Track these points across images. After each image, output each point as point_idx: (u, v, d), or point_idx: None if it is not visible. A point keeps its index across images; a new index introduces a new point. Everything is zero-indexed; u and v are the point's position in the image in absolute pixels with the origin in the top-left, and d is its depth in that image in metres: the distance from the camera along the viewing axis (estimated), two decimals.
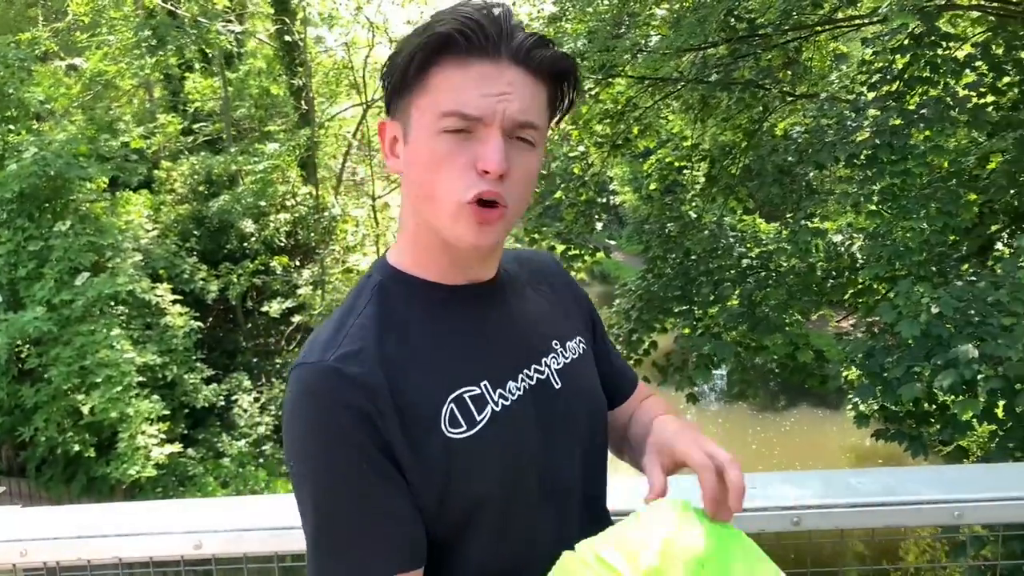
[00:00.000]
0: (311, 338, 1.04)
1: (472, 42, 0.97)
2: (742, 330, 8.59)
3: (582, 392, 1.17)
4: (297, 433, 0.98)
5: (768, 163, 9.57)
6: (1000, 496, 1.32)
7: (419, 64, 0.98)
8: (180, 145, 12.09)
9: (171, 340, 9.59)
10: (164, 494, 9.10)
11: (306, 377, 0.98)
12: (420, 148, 1.00)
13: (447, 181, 0.99)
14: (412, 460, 0.97)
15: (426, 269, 1.07)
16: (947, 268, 7.03)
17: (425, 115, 0.99)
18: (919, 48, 6.76)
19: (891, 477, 1.41)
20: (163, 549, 1.61)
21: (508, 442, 1.04)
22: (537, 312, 1.17)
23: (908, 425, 6.32)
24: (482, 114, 0.97)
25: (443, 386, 1.01)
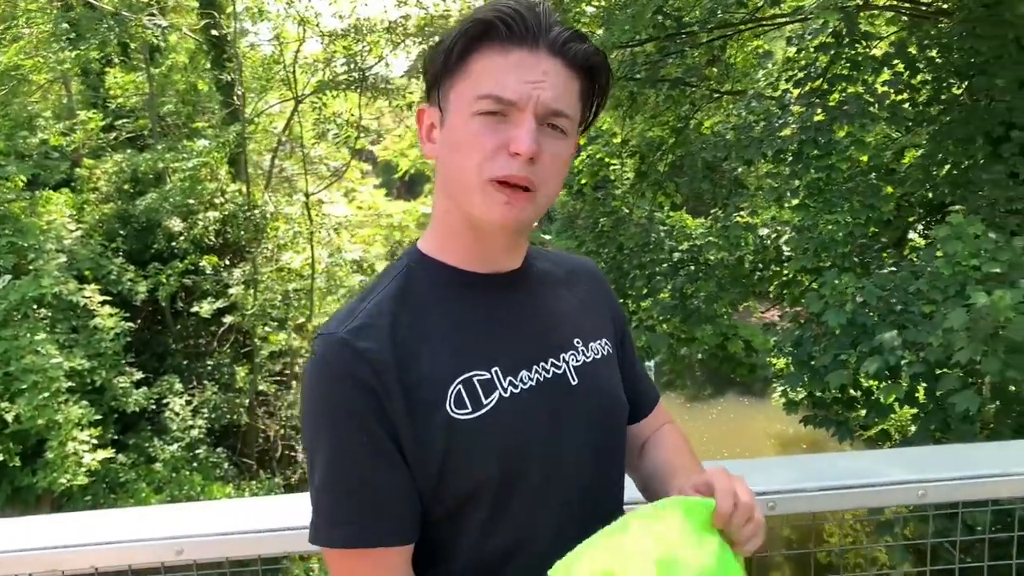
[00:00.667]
0: (336, 312, 1.09)
1: (513, 31, 1.03)
2: (674, 322, 8.78)
3: (600, 392, 1.18)
4: (308, 398, 1.04)
5: (697, 159, 9.79)
6: (962, 475, 1.41)
7: (461, 50, 1.04)
8: (102, 142, 11.70)
9: (99, 343, 9.30)
10: (94, 502, 8.84)
11: (321, 346, 1.03)
12: (455, 130, 1.05)
13: (478, 161, 1.03)
14: (413, 438, 1.00)
15: (452, 254, 1.12)
16: (869, 259, 7.31)
17: (463, 98, 1.04)
18: (840, 46, 7.01)
19: (858, 460, 1.50)
20: (143, 557, 1.60)
21: (512, 429, 1.05)
22: (563, 309, 1.19)
23: (835, 411, 6.55)
24: (517, 98, 1.02)
25: (453, 367, 1.05)
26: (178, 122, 12.33)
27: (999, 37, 6.52)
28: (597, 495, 1.15)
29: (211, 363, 11.43)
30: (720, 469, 1.07)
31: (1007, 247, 5.05)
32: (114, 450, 9.29)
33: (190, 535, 1.59)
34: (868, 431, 7.80)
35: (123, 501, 8.82)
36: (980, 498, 1.42)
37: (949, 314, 4.68)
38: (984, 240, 5.08)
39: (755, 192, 9.26)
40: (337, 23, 11.71)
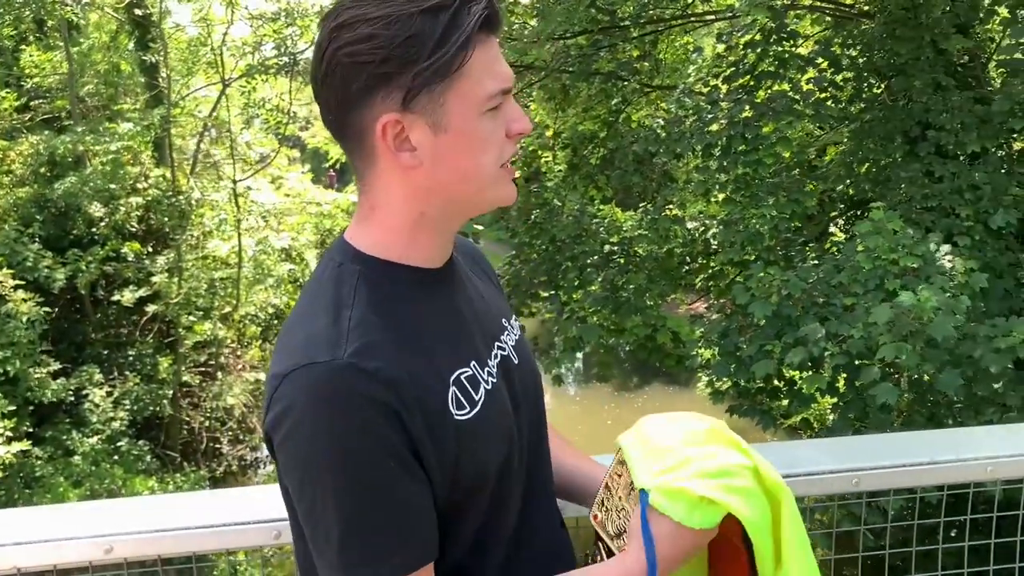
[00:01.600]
0: (300, 339, 0.98)
1: (494, 19, 0.99)
2: (604, 313, 8.89)
3: (530, 365, 1.22)
4: (312, 436, 0.93)
5: (627, 152, 9.91)
6: (893, 463, 1.47)
7: (459, 48, 0.95)
8: (16, 123, 11.21)
9: (13, 332, 8.94)
10: (8, 497, 8.51)
11: (319, 377, 0.93)
12: (465, 134, 0.99)
13: (491, 156, 1.01)
14: (431, 449, 0.98)
15: (409, 255, 1.06)
16: (792, 252, 7.51)
17: (468, 100, 0.98)
18: (768, 44, 7.16)
19: (791, 450, 1.55)
20: (69, 555, 1.55)
21: (500, 419, 1.08)
22: (486, 292, 1.21)
23: (759, 400, 6.73)
24: (511, 83, 1.01)
25: (444, 370, 1.03)
26: (99, 104, 11.90)
27: (916, 39, 6.74)
28: (542, 464, 1.22)
29: (133, 353, 11.11)
30: None
31: (923, 242, 5.25)
32: (30, 443, 8.95)
33: (119, 532, 1.55)
34: (789, 420, 8.03)
35: (40, 496, 8.51)
36: (910, 485, 1.49)
37: (873, 309, 4.84)
38: (902, 235, 5.26)
39: (684, 186, 9.41)
40: (266, 5, 11.42)
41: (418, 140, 0.98)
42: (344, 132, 1.01)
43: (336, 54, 0.95)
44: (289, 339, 1.00)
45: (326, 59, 0.97)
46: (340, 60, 0.95)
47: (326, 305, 1.01)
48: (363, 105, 0.97)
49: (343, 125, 1.00)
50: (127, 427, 10.06)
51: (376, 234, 1.06)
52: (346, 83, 0.96)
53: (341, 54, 0.95)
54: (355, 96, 0.96)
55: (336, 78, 0.96)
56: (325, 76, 0.97)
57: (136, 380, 10.65)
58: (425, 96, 0.96)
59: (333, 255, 1.07)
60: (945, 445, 1.55)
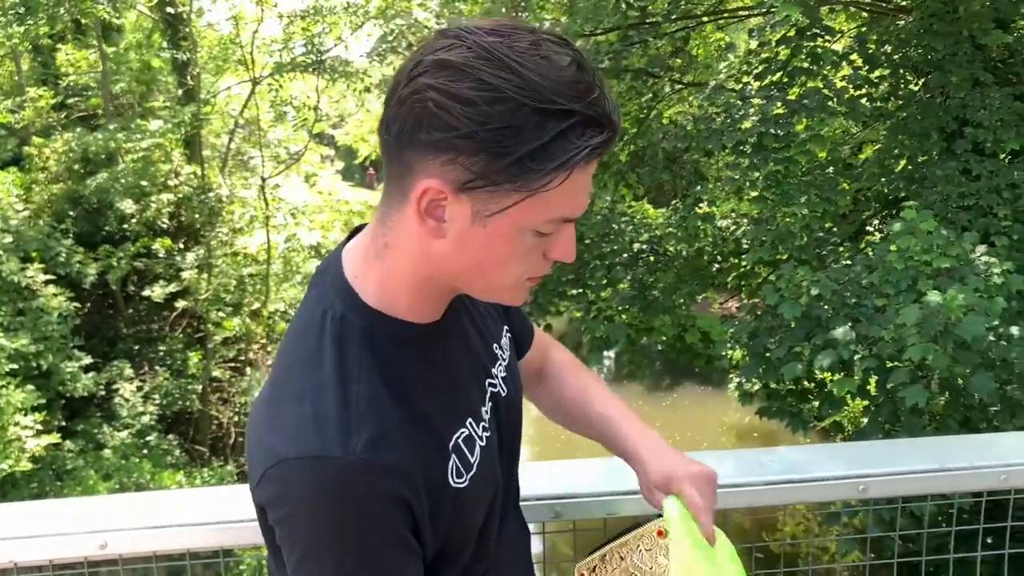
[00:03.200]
0: (306, 416, 0.90)
1: (604, 148, 0.86)
2: (633, 312, 8.82)
3: (516, 390, 1.17)
4: (318, 529, 0.88)
5: (658, 150, 9.82)
6: (902, 470, 1.41)
7: (553, 171, 0.84)
8: (53, 121, 11.40)
9: (45, 326, 9.07)
10: (40, 489, 8.64)
11: (332, 475, 0.87)
12: (500, 238, 0.89)
13: (516, 271, 0.93)
14: (431, 525, 0.94)
15: (411, 311, 0.98)
16: (825, 252, 7.38)
17: (527, 215, 0.87)
18: (801, 40, 7.05)
19: (798, 454, 1.49)
20: (64, 551, 1.53)
21: (491, 475, 1.05)
22: (480, 316, 1.14)
23: (788, 403, 6.63)
24: (580, 214, 0.91)
25: (445, 438, 0.98)
26: (132, 101, 12.05)
27: (954, 35, 6.60)
28: (513, 482, 1.19)
29: (163, 348, 11.24)
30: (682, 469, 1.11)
31: (957, 242, 5.12)
32: (61, 436, 9.09)
33: (114, 528, 1.53)
34: (822, 423, 7.90)
35: (70, 488, 8.64)
36: (919, 492, 1.43)
37: (902, 310, 4.74)
38: (936, 235, 5.14)
39: (714, 184, 9.30)
40: (297, 3, 11.50)
41: (452, 216, 0.88)
42: (391, 158, 0.91)
43: (426, 91, 0.83)
44: (291, 408, 0.91)
45: (413, 84, 0.84)
46: (425, 99, 0.83)
47: (332, 375, 0.92)
48: (421, 155, 0.85)
49: (394, 153, 0.90)
50: (156, 422, 10.18)
51: (383, 279, 0.96)
52: (417, 125, 0.84)
53: (430, 95, 0.83)
54: (419, 143, 0.85)
55: (412, 112, 0.84)
56: (403, 100, 0.85)
57: (166, 375, 10.78)
58: (486, 191, 0.85)
59: (333, 296, 0.97)
60: (958, 452, 1.49)
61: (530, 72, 0.81)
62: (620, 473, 1.48)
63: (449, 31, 0.87)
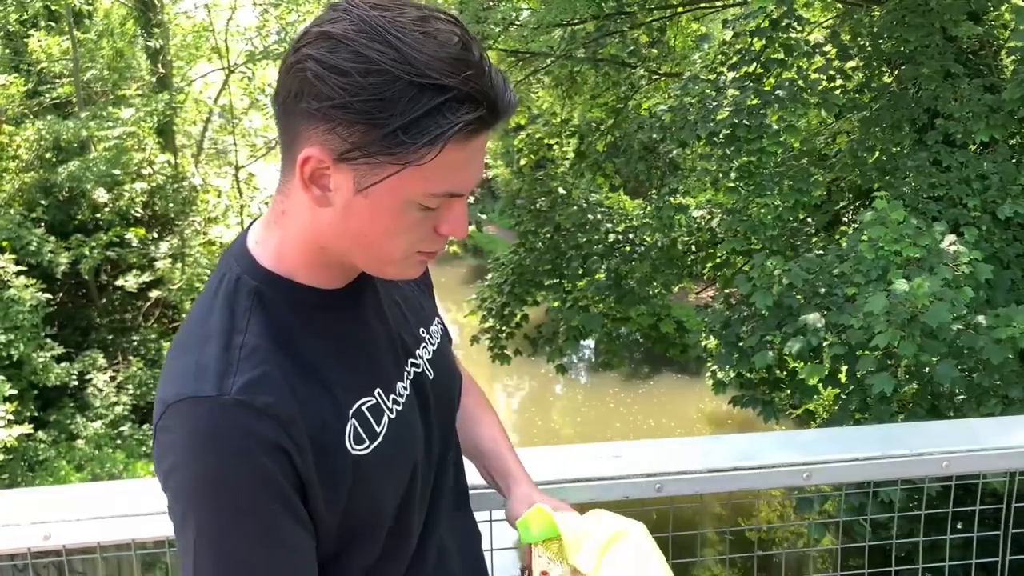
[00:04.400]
0: (189, 364, 0.90)
1: (489, 123, 0.86)
2: (609, 302, 8.84)
3: (446, 377, 1.16)
4: (195, 476, 0.86)
5: (634, 140, 9.83)
6: (844, 458, 1.42)
7: (425, 144, 0.83)
8: (24, 108, 11.25)
9: (16, 316, 8.97)
10: (12, 480, 8.56)
11: (205, 414, 0.86)
12: (382, 211, 0.89)
13: (403, 243, 0.92)
14: (321, 488, 0.92)
15: (311, 276, 0.97)
16: (798, 243, 7.42)
17: (406, 187, 0.87)
18: (776, 31, 7.06)
19: (745, 443, 1.50)
20: (7, 542, 1.51)
21: (403, 450, 1.02)
22: (403, 302, 1.13)
23: (761, 391, 6.67)
24: (467, 190, 0.91)
25: (343, 402, 0.96)
26: (104, 89, 11.91)
27: (926, 27, 6.63)
28: (452, 478, 1.18)
29: (137, 338, 11.15)
30: None
31: (927, 232, 5.16)
32: (33, 427, 9.00)
33: (59, 519, 1.51)
34: (796, 411, 7.96)
35: (42, 479, 8.57)
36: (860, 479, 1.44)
37: (870, 298, 4.77)
38: (906, 225, 5.18)
39: (689, 174, 9.32)
40: None
41: (336, 185, 0.88)
42: (281, 127, 0.91)
43: (306, 60, 0.84)
44: (177, 361, 0.92)
45: (297, 54, 0.86)
46: (305, 69, 0.84)
47: (218, 327, 0.92)
48: (304, 123, 0.86)
49: (282, 121, 0.90)
50: (130, 412, 10.11)
51: (279, 245, 0.96)
52: (299, 93, 0.85)
53: (309, 65, 0.84)
54: (301, 112, 0.85)
55: (295, 81, 0.85)
56: (288, 69, 0.87)
57: (140, 365, 10.69)
58: (363, 161, 0.85)
59: (232, 262, 0.98)
60: (900, 439, 1.50)
61: (408, 47, 0.82)
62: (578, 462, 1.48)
63: (338, 4, 0.87)
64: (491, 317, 9.24)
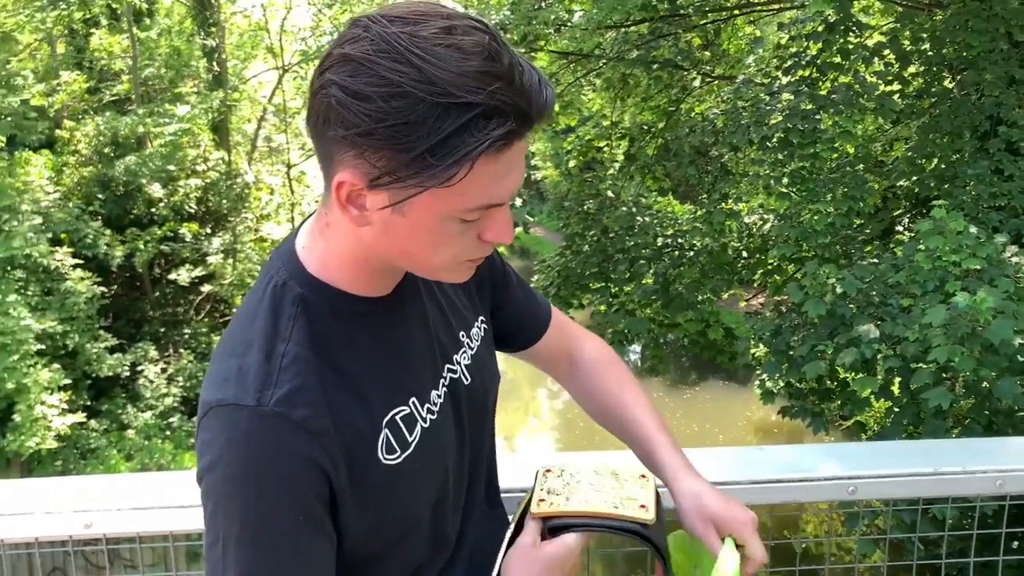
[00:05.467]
0: (232, 368, 0.91)
1: (521, 132, 0.84)
2: (656, 307, 8.76)
3: (486, 379, 1.15)
4: (226, 479, 0.88)
5: (685, 144, 9.72)
6: (891, 473, 1.37)
7: (453, 164, 0.81)
8: (85, 105, 11.54)
9: (72, 307, 9.20)
10: (64, 467, 8.78)
11: (242, 422, 0.87)
12: (421, 228, 0.88)
13: (451, 255, 0.92)
14: (352, 497, 0.92)
15: (355, 285, 0.97)
16: (852, 250, 7.26)
17: (441, 203, 0.85)
18: (832, 35, 6.93)
19: (789, 454, 1.45)
20: (49, 529, 1.53)
21: (436, 459, 1.02)
22: (446, 303, 1.12)
23: (811, 402, 6.53)
24: (506, 199, 0.89)
25: (378, 411, 0.96)
26: (161, 87, 12.16)
27: (990, 32, 6.45)
28: (486, 482, 1.18)
29: (188, 331, 11.36)
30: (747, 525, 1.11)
31: (987, 243, 5.01)
32: (86, 415, 9.21)
33: (100, 508, 1.52)
34: (846, 422, 7.80)
35: (93, 467, 8.77)
36: (909, 496, 1.39)
37: (928, 310, 4.64)
38: (965, 235, 5.03)
39: (741, 179, 9.19)
40: None
41: (372, 205, 0.87)
42: (316, 147, 0.90)
43: (330, 87, 0.82)
44: (222, 363, 0.93)
45: (321, 78, 0.84)
46: (330, 95, 0.82)
47: (261, 333, 0.93)
48: (335, 148, 0.85)
49: (316, 143, 0.89)
50: (179, 404, 10.29)
51: (325, 254, 0.96)
52: (325, 119, 0.84)
53: (333, 91, 0.82)
54: (330, 138, 0.84)
55: (321, 107, 0.84)
56: (315, 93, 0.85)
57: (190, 358, 10.89)
58: (395, 185, 0.83)
59: (279, 266, 0.98)
60: (951, 455, 1.44)
61: (430, 65, 0.79)
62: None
63: (359, 21, 0.85)
64: None
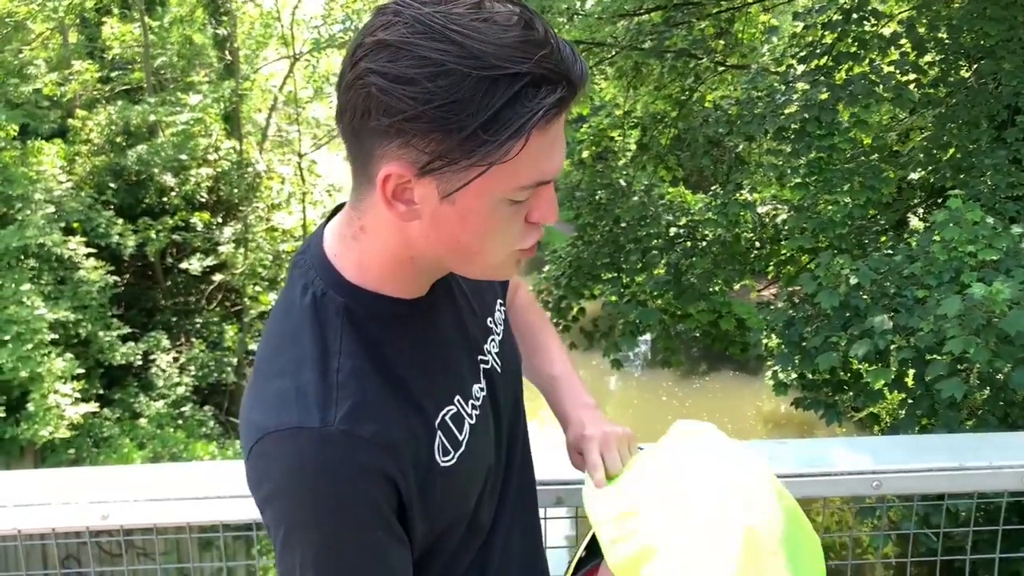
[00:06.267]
0: (286, 388, 0.88)
1: (570, 100, 0.81)
2: (667, 298, 8.72)
3: (512, 365, 1.14)
4: (297, 506, 0.86)
5: (699, 134, 9.66)
6: (917, 467, 1.35)
7: (510, 138, 0.79)
8: (97, 93, 11.56)
9: (85, 296, 9.24)
10: (77, 455, 8.82)
11: (311, 445, 0.84)
12: (472, 214, 0.85)
13: (500, 243, 0.89)
14: (419, 505, 0.92)
15: (393, 287, 0.95)
16: (867, 241, 7.21)
17: (494, 186, 0.82)
18: (848, 23, 6.86)
19: (812, 447, 1.44)
20: (66, 520, 1.53)
21: (483, 452, 1.02)
22: (470, 293, 1.10)
23: (824, 393, 6.50)
24: (556, 175, 0.86)
25: (431, 414, 0.95)
26: (173, 76, 12.17)
27: (1008, 19, 6.38)
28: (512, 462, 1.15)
29: (200, 321, 11.40)
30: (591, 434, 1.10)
31: (1005, 234, 4.96)
32: (99, 404, 9.26)
33: (117, 499, 1.52)
34: (859, 413, 7.76)
35: (106, 455, 8.81)
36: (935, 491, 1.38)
37: (943, 301, 4.60)
38: (982, 226, 4.98)
39: (755, 169, 9.13)
40: None
41: (421, 197, 0.84)
42: (351, 145, 0.87)
43: (367, 75, 0.79)
44: (272, 383, 0.90)
45: (356, 69, 0.81)
46: (368, 84, 0.79)
47: (312, 350, 0.90)
48: (377, 141, 0.82)
49: (352, 140, 0.86)
50: (192, 392, 10.34)
51: (362, 258, 0.93)
52: (365, 111, 0.81)
53: (372, 79, 0.79)
54: (371, 130, 0.81)
55: (358, 99, 0.81)
56: (350, 86, 0.82)
57: (202, 347, 10.93)
58: (447, 169, 0.81)
59: (313, 275, 0.95)
60: (976, 450, 1.42)
61: (470, 40, 0.77)
62: None
63: (387, 7, 0.82)
64: (547, 310, 9.19)
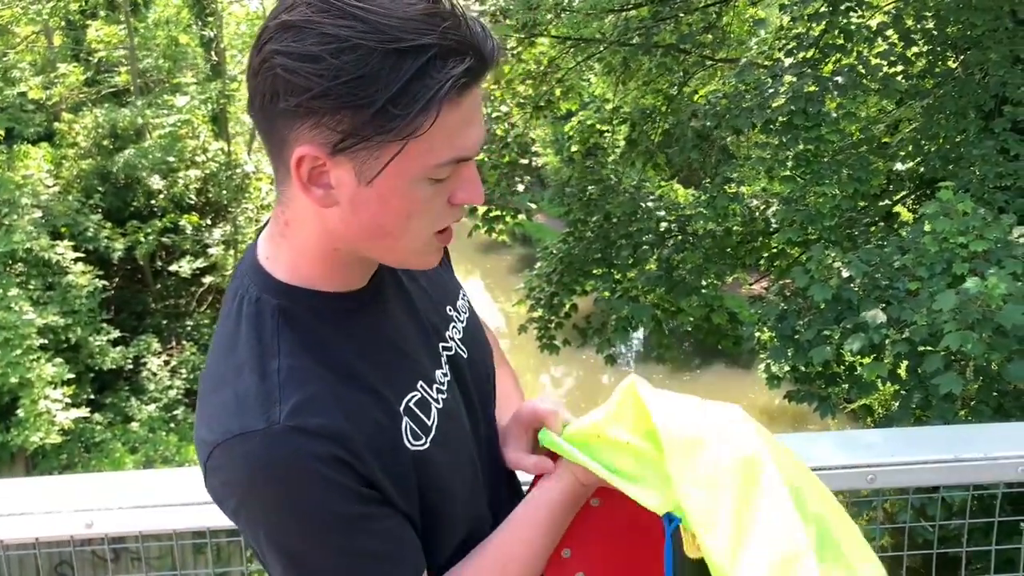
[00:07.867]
0: (228, 398, 0.86)
1: (480, 73, 0.81)
2: (659, 293, 8.71)
3: (480, 350, 1.13)
4: (266, 510, 0.85)
5: (687, 128, 9.65)
6: (911, 460, 1.34)
7: (419, 113, 0.78)
8: (84, 96, 11.50)
9: (74, 300, 9.19)
10: (69, 461, 8.78)
11: (258, 448, 0.83)
12: (391, 195, 0.83)
13: (421, 225, 0.87)
14: (392, 489, 0.90)
15: (329, 282, 0.93)
16: (856, 233, 7.22)
17: (410, 164, 0.81)
18: (834, 15, 6.86)
19: (805, 442, 1.42)
20: (50, 529, 1.51)
21: (457, 437, 1.01)
22: (426, 283, 1.09)
23: (817, 386, 6.51)
24: (474, 152, 0.85)
25: (392, 402, 0.93)
26: (160, 78, 12.11)
27: (994, 10, 6.39)
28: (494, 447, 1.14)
29: (190, 323, 11.37)
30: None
31: (995, 224, 4.96)
32: (90, 409, 9.22)
33: (101, 507, 1.50)
34: (851, 404, 7.78)
35: (98, 460, 8.78)
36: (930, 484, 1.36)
37: (938, 295, 4.59)
38: (972, 217, 4.98)
39: (744, 163, 9.13)
40: None
41: (338, 180, 0.82)
42: (264, 134, 0.85)
43: (273, 57, 0.78)
44: (213, 397, 0.88)
45: (262, 52, 0.80)
46: (274, 66, 0.78)
47: (248, 354, 0.88)
48: (288, 124, 0.81)
49: (264, 127, 0.84)
50: (183, 396, 10.29)
51: (291, 256, 0.92)
52: (274, 94, 0.79)
53: (277, 60, 0.78)
54: (281, 112, 0.80)
55: (266, 82, 0.79)
56: (256, 71, 0.81)
57: (193, 350, 10.89)
58: (360, 147, 0.79)
59: (247, 283, 0.93)
60: (971, 441, 1.41)
61: (374, 15, 0.76)
62: None
63: None
64: (539, 307, 9.17)
